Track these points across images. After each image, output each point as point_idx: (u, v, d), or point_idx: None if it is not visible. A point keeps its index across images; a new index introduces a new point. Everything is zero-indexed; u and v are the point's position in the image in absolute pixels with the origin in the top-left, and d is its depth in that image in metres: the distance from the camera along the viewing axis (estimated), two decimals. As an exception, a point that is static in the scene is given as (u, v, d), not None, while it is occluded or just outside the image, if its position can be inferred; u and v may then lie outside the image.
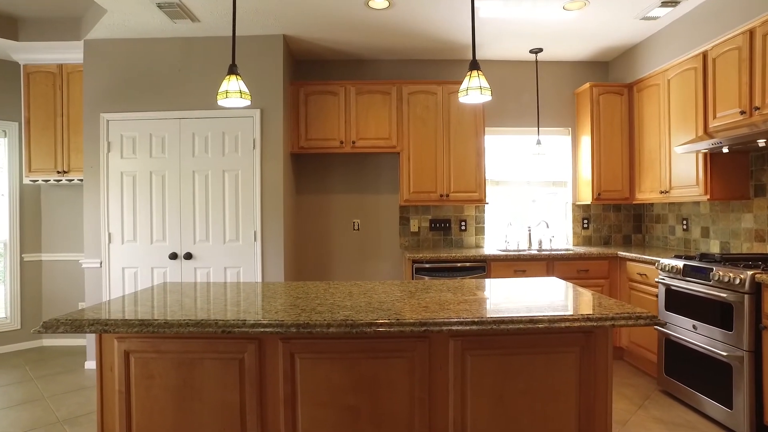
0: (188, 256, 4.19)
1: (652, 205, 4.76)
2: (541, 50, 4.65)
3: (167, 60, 4.21)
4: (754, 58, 3.14)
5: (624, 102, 4.58)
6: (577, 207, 4.92)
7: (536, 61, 4.90)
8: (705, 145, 3.24)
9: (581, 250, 4.41)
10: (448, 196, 4.52)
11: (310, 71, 4.92)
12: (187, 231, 4.20)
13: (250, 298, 2.07)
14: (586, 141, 4.67)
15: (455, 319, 1.64)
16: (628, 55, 4.65)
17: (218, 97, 2.29)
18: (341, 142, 4.49)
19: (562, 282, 2.44)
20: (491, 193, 4.94)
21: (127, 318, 1.63)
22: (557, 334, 1.85)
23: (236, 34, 4.18)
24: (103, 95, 4.20)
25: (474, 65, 2.17)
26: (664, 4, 3.70)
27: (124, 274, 4.20)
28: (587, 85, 4.60)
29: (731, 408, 2.84)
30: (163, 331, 1.60)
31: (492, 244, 4.92)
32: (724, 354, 2.84)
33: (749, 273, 2.72)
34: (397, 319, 1.63)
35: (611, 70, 4.97)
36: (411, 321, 1.62)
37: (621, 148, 4.58)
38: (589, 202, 4.61)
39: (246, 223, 4.20)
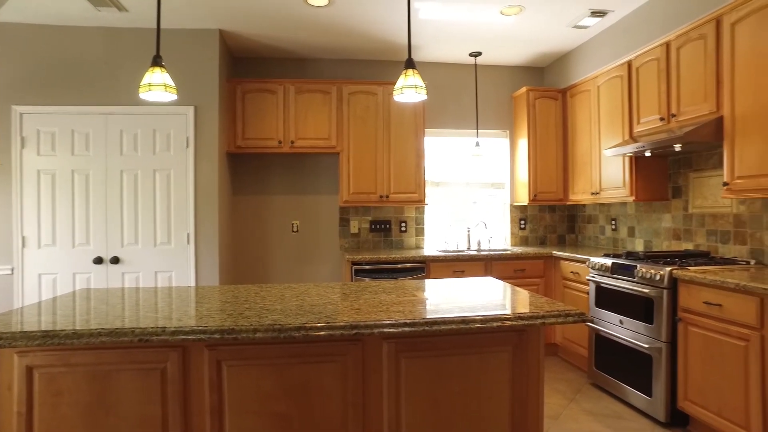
0: (115, 260, 3.94)
1: (584, 206, 4.96)
2: (480, 54, 4.74)
3: (92, 50, 3.94)
4: (670, 68, 3.34)
5: (558, 106, 4.75)
6: (514, 208, 5.05)
7: (475, 65, 5.00)
8: (630, 149, 3.41)
9: (518, 250, 4.52)
10: (388, 197, 4.51)
11: (249, 68, 4.77)
12: (114, 233, 3.96)
13: (176, 303, 1.96)
14: (523, 143, 4.81)
15: (387, 322, 1.61)
16: (562, 62, 4.83)
17: (140, 90, 2.15)
18: (280, 142, 4.38)
19: (498, 282, 2.47)
20: (431, 194, 4.98)
21: (27, 329, 1.48)
22: (491, 334, 1.86)
23: (169, 27, 3.99)
24: (14, 85, 3.87)
25: (409, 64, 2.16)
26: (593, 14, 3.86)
27: (41, 281, 3.90)
28: (524, 89, 4.74)
29: (651, 396, 2.99)
30: (72, 343, 1.46)
31: (432, 245, 4.96)
32: (646, 346, 2.99)
33: (667, 269, 2.88)
34: (328, 323, 1.58)
35: (546, 76, 5.15)
36: (342, 324, 1.58)
37: (556, 150, 4.74)
38: (526, 203, 4.74)
39: (178, 225, 4.01)
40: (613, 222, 4.47)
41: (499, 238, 5.10)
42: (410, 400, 1.81)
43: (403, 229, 4.87)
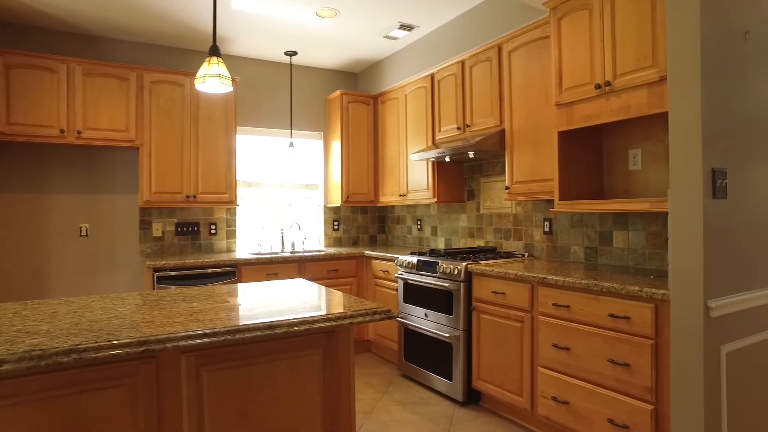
0: None
1: (393, 207, 5.27)
2: (295, 53, 4.69)
3: None
4: (465, 84, 3.73)
5: (370, 111, 4.96)
6: (328, 209, 5.12)
7: (291, 64, 4.93)
8: (432, 154, 3.71)
9: (332, 250, 4.59)
10: (195, 197, 4.17)
11: (19, 38, 3.95)
12: None
13: None
14: (336, 146, 4.90)
15: (183, 333, 1.44)
16: (375, 69, 5.06)
17: None
18: (62, 131, 3.72)
19: (309, 283, 2.44)
20: (244, 195, 4.76)
21: None
22: (300, 338, 1.81)
23: None
24: None
25: (214, 51, 1.99)
26: (402, 27, 4.11)
27: None
28: (338, 92, 4.84)
29: (451, 380, 3.29)
30: None
31: (245, 248, 4.74)
32: (447, 335, 3.28)
33: (464, 264, 3.20)
34: (109, 341, 1.35)
35: (360, 81, 5.34)
36: (127, 341, 1.36)
37: (367, 154, 4.94)
38: (339, 205, 4.84)
39: None
40: (419, 222, 4.84)
41: (313, 239, 5.11)
42: (215, 416, 1.66)
43: (213, 231, 4.55)
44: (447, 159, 3.81)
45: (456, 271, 3.22)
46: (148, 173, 4.01)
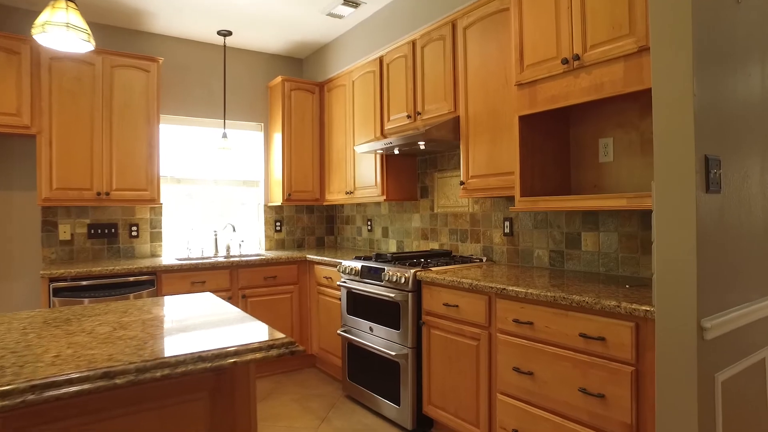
0: None
1: (342, 206, 4.80)
2: (230, 33, 4.16)
3: None
4: (416, 66, 3.30)
5: (316, 100, 4.48)
6: (269, 208, 4.60)
7: (224, 45, 4.39)
8: (379, 146, 3.26)
9: (271, 254, 4.08)
10: (108, 194, 3.58)
11: None
12: None
13: None
14: (278, 138, 4.39)
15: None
16: (321, 54, 4.57)
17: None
18: (-65, 114, 3.08)
19: (212, 299, 1.94)
20: (172, 192, 4.19)
21: None
22: (175, 379, 1.32)
23: None
24: None
25: (62, -7, 1.47)
26: (346, 3, 3.65)
27: None
28: (279, 78, 4.33)
29: (399, 405, 2.85)
30: None
31: (172, 253, 4.17)
32: (393, 353, 2.83)
33: (412, 271, 2.76)
34: None
35: (305, 68, 4.84)
36: None
37: (312, 147, 4.45)
38: (280, 203, 4.33)
39: None
40: (369, 223, 4.38)
41: (253, 242, 4.59)
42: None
43: (134, 233, 3.97)
44: (396, 151, 3.37)
45: (403, 280, 2.78)
46: (48, 166, 3.41)
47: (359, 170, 3.91)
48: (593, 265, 2.56)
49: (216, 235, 4.20)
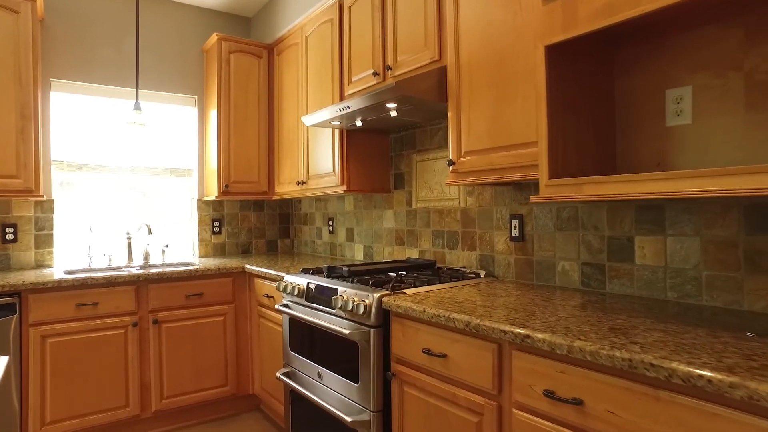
0: None
1: (299, 202, 3.84)
2: (148, -23, 3.18)
3: None
4: (386, 5, 2.37)
5: (263, 67, 3.51)
6: (205, 205, 3.62)
7: (143, -7, 3.40)
8: (333, 112, 2.31)
9: (204, 264, 3.10)
10: (-41, 182, 2.58)
11: None
12: None
13: None
14: (214, 115, 3.41)
15: None
16: (271, 8, 3.61)
17: None
18: None
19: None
20: (69, 182, 3.19)
21: None
22: None
23: None
24: None
25: None
26: (294, -71, 2.70)
27: None
28: (215, 37, 3.35)
29: (361, 495, 1.90)
30: None
31: (69, 262, 3.18)
32: (350, 419, 1.88)
33: (376, 296, 1.82)
34: None
35: (254, 28, 3.87)
36: None
37: (258, 127, 3.48)
38: (215, 197, 3.36)
39: None
40: (331, 222, 3.44)
41: (186, 247, 3.60)
42: None
43: (9, 237, 2.96)
44: (359, 123, 2.43)
45: (362, 308, 1.83)
46: None
47: (314, 154, 2.96)
48: (655, 288, 1.65)
49: (129, 238, 3.21)
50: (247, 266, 2.99)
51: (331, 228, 3.43)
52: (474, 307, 1.59)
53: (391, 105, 2.08)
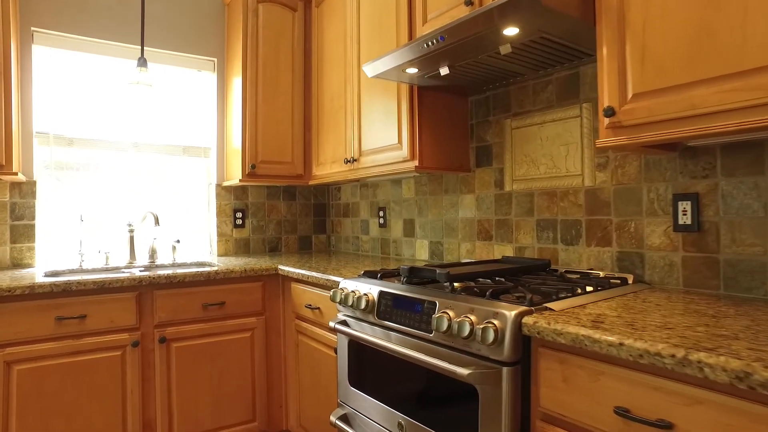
0: None
1: (339, 189, 3.18)
2: None
3: None
4: None
5: (298, 22, 2.86)
6: (225, 191, 2.96)
7: (152, -71, 2.76)
8: (413, 51, 1.64)
9: (224, 264, 2.44)
10: None
11: None
12: None
13: None
14: (237, 83, 2.76)
15: None
16: (304, -46, 2.95)
17: None
18: None
19: None
20: (56, 160, 2.55)
21: None
22: None
23: None
24: None
25: None
26: None
27: None
28: (239, -16, 2.71)
29: None
30: None
31: (55, 260, 2.53)
32: (462, 507, 1.20)
33: (510, 314, 1.14)
34: None
35: (283, -17, 3.22)
36: None
37: (293, 95, 2.83)
38: (239, 181, 2.70)
39: None
40: (382, 213, 2.77)
41: (202, 242, 2.95)
42: None
43: (-21, 229, 2.32)
44: (443, 70, 1.75)
45: (492, 335, 1.15)
46: None
47: (370, 123, 2.29)
48: None
49: (132, 231, 2.57)
50: (281, 267, 2.33)
51: (382, 220, 2.76)
52: (698, 337, 0.91)
53: (512, 31, 1.40)
